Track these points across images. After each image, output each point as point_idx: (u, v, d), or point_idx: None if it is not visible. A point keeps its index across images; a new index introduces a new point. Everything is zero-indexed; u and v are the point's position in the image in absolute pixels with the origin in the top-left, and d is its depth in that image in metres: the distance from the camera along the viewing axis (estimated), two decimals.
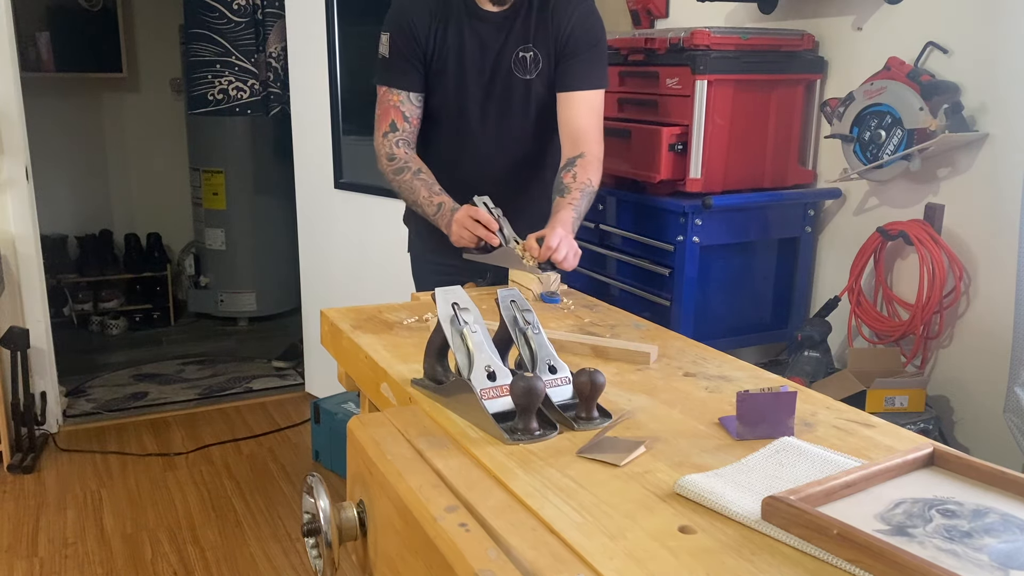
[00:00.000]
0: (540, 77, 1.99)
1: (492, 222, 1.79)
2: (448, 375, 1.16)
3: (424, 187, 1.94)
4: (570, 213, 1.84)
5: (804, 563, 0.77)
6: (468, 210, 1.81)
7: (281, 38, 4.45)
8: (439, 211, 1.90)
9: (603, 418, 1.08)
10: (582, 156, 1.94)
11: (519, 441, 1.01)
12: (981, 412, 2.15)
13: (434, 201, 1.92)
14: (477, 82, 1.99)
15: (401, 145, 1.99)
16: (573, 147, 1.96)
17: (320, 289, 3.71)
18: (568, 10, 1.95)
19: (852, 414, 1.13)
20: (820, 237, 2.57)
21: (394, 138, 1.99)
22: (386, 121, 2.00)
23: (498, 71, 1.98)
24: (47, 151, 4.77)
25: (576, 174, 1.92)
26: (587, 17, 1.98)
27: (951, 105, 2.08)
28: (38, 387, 3.41)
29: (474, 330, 1.10)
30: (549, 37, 1.96)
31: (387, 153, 1.99)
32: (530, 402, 1.01)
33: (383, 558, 0.99)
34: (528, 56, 1.97)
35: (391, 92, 2.00)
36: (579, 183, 1.90)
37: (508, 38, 1.97)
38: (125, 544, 2.71)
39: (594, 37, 1.99)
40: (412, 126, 2.01)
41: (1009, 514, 0.82)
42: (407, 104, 1.99)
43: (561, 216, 1.82)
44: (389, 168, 1.99)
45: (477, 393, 1.06)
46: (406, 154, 1.99)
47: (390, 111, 2.00)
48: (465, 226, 1.81)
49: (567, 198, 1.88)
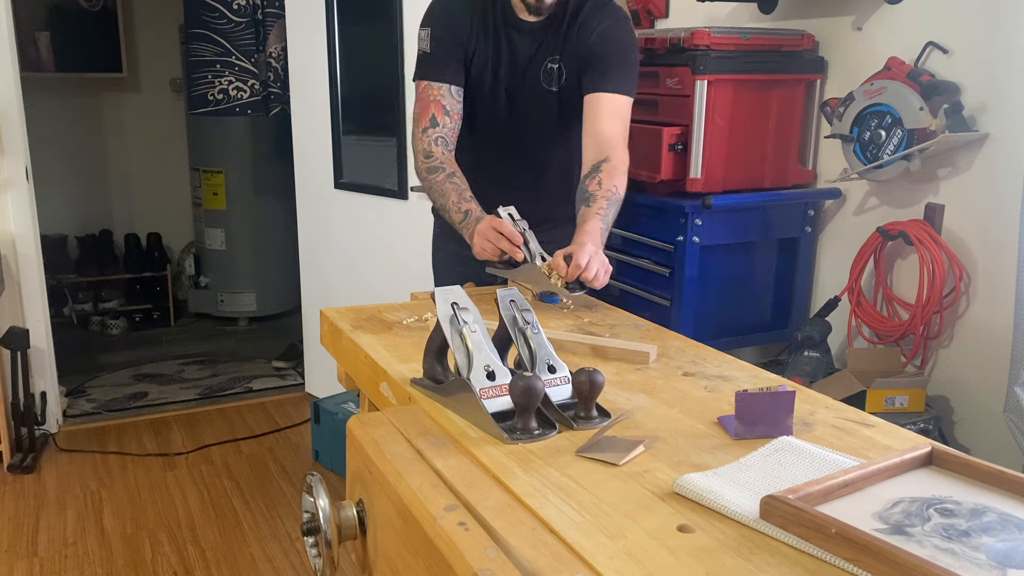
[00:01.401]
0: (563, 90, 1.96)
1: (516, 235, 1.68)
2: (448, 375, 1.16)
3: (455, 192, 1.86)
4: (597, 224, 1.73)
5: (803, 562, 0.77)
6: (492, 221, 1.71)
7: (281, 38, 4.45)
8: (465, 219, 1.82)
9: (602, 418, 1.08)
10: (607, 161, 1.83)
11: (518, 441, 1.01)
12: (981, 412, 2.15)
13: (462, 208, 1.83)
14: (506, 90, 1.97)
15: (440, 143, 1.92)
16: (597, 152, 1.86)
17: (320, 289, 3.71)
18: (597, 19, 1.91)
19: (851, 414, 1.13)
20: (820, 237, 2.57)
21: (434, 134, 1.92)
22: (427, 116, 1.93)
23: (526, 81, 1.96)
24: (47, 151, 4.77)
25: (601, 181, 1.81)
26: (616, 26, 1.92)
27: (951, 105, 2.08)
28: (38, 387, 3.41)
29: (473, 330, 1.10)
30: (576, 47, 1.92)
31: (424, 149, 1.92)
32: (529, 401, 1.01)
33: (382, 557, 0.99)
34: (555, 68, 1.94)
35: (432, 86, 1.93)
36: (605, 190, 1.80)
37: (539, 49, 1.94)
38: (125, 544, 2.71)
39: (622, 45, 1.91)
40: (453, 121, 1.94)
41: (1007, 513, 0.82)
42: (448, 98, 1.93)
43: (588, 228, 1.71)
44: (424, 166, 1.92)
45: (476, 393, 1.06)
46: (443, 154, 1.92)
47: (431, 106, 1.93)
48: (488, 238, 1.70)
49: (593, 207, 1.77)
